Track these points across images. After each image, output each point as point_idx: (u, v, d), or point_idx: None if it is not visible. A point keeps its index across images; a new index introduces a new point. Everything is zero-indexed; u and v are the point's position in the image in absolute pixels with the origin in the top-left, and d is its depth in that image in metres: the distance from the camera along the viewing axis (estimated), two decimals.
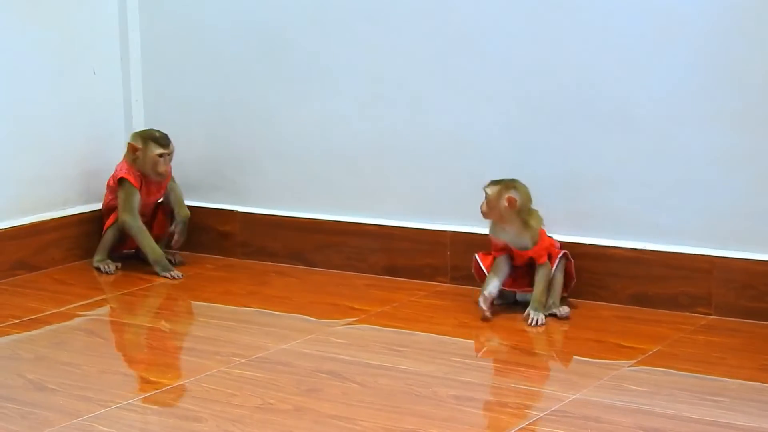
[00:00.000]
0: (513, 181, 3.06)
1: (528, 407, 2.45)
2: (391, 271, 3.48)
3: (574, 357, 2.83)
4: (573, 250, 3.14)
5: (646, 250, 3.12)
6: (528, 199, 3.06)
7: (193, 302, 3.32)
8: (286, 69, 3.59)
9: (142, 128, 3.73)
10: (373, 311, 3.16)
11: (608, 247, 3.17)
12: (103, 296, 3.37)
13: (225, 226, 3.75)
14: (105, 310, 3.25)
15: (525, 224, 3.04)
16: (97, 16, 3.75)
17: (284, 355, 2.82)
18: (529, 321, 2.98)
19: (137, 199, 3.48)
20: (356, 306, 3.21)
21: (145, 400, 2.52)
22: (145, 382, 2.66)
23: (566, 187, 3.22)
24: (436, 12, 3.33)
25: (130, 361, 2.89)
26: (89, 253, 3.65)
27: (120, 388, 2.59)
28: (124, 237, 3.59)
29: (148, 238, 3.50)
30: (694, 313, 3.04)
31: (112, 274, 3.54)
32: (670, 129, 3.07)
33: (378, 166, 3.50)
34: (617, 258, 3.16)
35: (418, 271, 3.43)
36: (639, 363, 2.72)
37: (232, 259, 3.69)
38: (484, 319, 3.01)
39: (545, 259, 3.04)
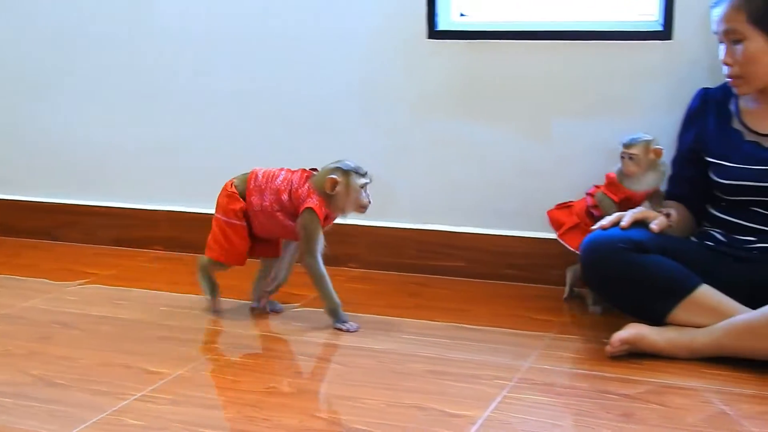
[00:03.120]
0: (643, 136, 2.64)
1: (213, 342, 2.56)
2: (118, 242, 3.51)
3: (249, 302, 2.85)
4: None
5: None
6: None
7: None
8: (43, 93, 3.55)
9: None
10: (103, 274, 3.19)
11: None
12: None
13: None
14: None
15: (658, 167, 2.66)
16: None
17: (25, 312, 2.83)
18: None
19: (322, 239, 2.63)
20: (89, 270, 3.22)
21: None
22: None
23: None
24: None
25: None
26: None
27: None
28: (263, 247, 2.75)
29: (330, 285, 2.63)
30: (347, 267, 3.19)
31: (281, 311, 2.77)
32: (341, 129, 3.18)
33: (115, 161, 3.50)
34: None
35: (137, 241, 3.48)
36: (302, 306, 2.85)
37: None
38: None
39: None
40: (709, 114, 2.61)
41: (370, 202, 2.59)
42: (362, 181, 2.58)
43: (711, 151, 2.59)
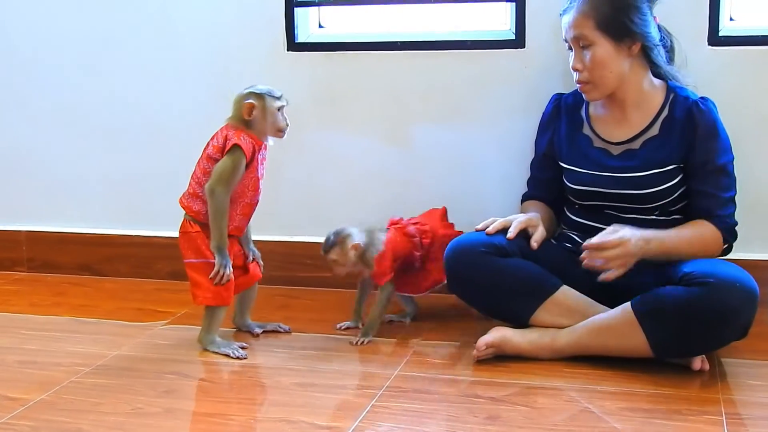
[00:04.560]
0: (339, 231, 2.56)
1: (77, 364, 2.44)
2: None
3: (121, 322, 2.82)
4: (124, 240, 3.18)
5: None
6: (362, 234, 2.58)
7: None
8: None
9: None
10: None
11: (151, 237, 3.22)
12: None
13: None
14: None
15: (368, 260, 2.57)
16: None
17: None
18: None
19: (241, 172, 2.42)
20: None
21: None
22: None
23: (109, 183, 3.24)
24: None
25: None
26: None
27: None
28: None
29: (225, 224, 2.42)
30: None
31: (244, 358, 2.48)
32: (192, 139, 3.13)
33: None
34: (159, 244, 3.20)
35: None
36: (170, 323, 2.79)
37: None
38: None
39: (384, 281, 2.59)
40: (562, 119, 2.65)
41: (288, 125, 2.48)
42: (278, 103, 2.46)
43: (563, 156, 2.62)
